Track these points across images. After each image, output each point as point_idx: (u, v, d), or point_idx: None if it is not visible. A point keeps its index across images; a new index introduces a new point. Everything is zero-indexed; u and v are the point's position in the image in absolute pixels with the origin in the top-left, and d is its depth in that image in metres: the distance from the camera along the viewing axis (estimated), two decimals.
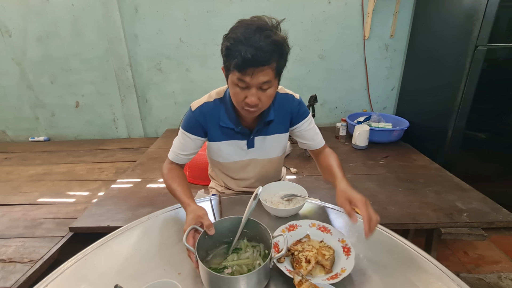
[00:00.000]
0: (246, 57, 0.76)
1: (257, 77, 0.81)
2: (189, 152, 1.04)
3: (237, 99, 0.88)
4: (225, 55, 0.83)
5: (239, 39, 0.78)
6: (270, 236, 0.74)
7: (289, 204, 1.02)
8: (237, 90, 0.86)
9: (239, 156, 1.09)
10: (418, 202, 1.53)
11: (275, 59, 0.81)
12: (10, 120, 2.84)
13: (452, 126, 1.92)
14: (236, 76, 0.82)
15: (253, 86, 0.83)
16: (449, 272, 0.74)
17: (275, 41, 0.79)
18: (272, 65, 0.81)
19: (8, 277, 1.17)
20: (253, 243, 0.81)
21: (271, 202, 1.02)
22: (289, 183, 1.10)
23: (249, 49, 0.76)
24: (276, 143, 1.09)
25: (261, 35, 0.77)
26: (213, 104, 1.00)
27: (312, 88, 2.66)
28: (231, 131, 1.02)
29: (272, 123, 1.04)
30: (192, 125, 1.01)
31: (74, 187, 1.91)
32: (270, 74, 0.82)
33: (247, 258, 0.76)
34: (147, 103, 2.77)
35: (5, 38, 2.52)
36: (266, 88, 0.85)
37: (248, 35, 0.77)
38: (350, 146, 2.28)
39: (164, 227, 0.96)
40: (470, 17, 1.74)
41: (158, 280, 0.65)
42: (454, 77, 1.87)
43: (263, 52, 0.77)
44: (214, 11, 2.43)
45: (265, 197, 1.04)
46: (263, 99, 0.87)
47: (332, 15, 2.44)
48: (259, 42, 0.76)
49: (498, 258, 1.80)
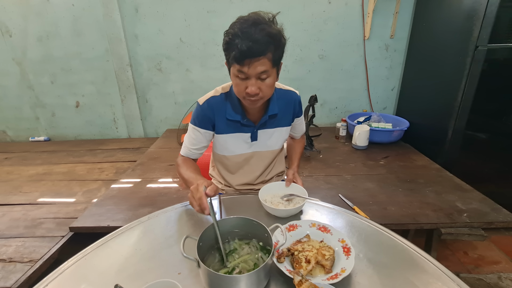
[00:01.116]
0: (242, 49, 0.83)
1: (255, 67, 0.87)
2: (200, 146, 1.10)
3: (238, 90, 0.95)
4: (225, 49, 0.90)
5: (236, 33, 0.84)
6: (266, 229, 0.75)
7: (289, 204, 1.02)
8: (238, 81, 0.92)
9: (243, 149, 1.13)
10: (418, 202, 1.53)
11: (271, 50, 0.87)
12: (10, 120, 2.84)
13: (452, 126, 1.92)
14: (236, 68, 0.89)
15: (252, 76, 0.89)
16: (449, 272, 0.74)
17: (270, 33, 0.85)
18: (268, 56, 0.87)
19: (9, 276, 1.18)
20: (245, 241, 0.82)
21: (271, 203, 1.02)
22: (290, 183, 1.10)
23: (245, 41, 0.83)
24: (278, 136, 1.15)
25: (256, 29, 0.83)
26: (219, 98, 1.06)
27: (312, 88, 2.66)
28: (237, 123, 1.07)
29: (276, 117, 1.10)
30: (201, 118, 1.06)
31: (74, 187, 1.91)
32: (267, 64, 0.88)
33: (247, 254, 0.77)
34: (147, 103, 2.77)
35: (6, 38, 2.52)
36: (265, 77, 0.91)
37: (245, 29, 0.84)
38: (350, 146, 2.28)
39: (164, 227, 0.96)
40: (470, 17, 1.74)
41: (158, 280, 0.65)
42: (454, 77, 1.87)
43: (258, 44, 0.83)
44: (214, 11, 2.43)
45: (265, 197, 1.04)
46: (263, 88, 0.92)
47: (332, 15, 2.44)
48: (254, 35, 0.83)
49: (498, 258, 1.80)
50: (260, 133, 1.10)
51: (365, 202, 1.54)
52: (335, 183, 1.75)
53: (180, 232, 0.93)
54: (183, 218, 1.00)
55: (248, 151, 1.14)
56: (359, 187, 1.70)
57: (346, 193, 1.61)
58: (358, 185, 1.72)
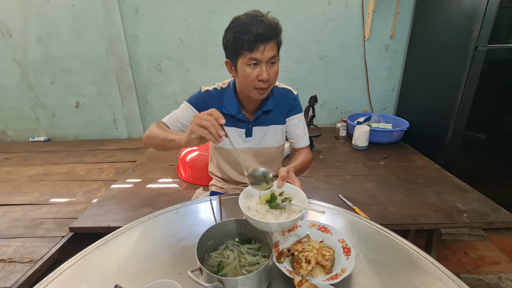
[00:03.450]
0: (258, 32, 0.89)
1: (266, 51, 0.93)
2: (185, 122, 1.08)
3: (249, 80, 0.97)
4: (233, 41, 0.93)
5: (246, 23, 0.91)
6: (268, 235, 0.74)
7: (281, 214, 0.76)
8: (249, 70, 0.95)
9: (238, 144, 1.15)
10: (418, 202, 1.53)
11: (278, 36, 0.96)
12: (10, 120, 2.84)
13: (452, 126, 1.92)
14: (247, 57, 0.93)
15: (263, 62, 0.94)
16: (449, 273, 0.74)
17: (273, 22, 0.94)
18: (275, 41, 0.95)
19: (8, 277, 1.18)
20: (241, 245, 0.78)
21: (256, 211, 0.77)
22: (284, 183, 0.86)
23: (258, 27, 0.90)
24: (273, 134, 1.16)
25: (261, 18, 0.92)
26: (219, 91, 1.11)
27: (312, 88, 2.66)
28: (232, 118, 1.09)
29: (270, 114, 1.12)
30: (199, 102, 1.09)
31: (74, 187, 1.91)
32: (275, 49, 0.96)
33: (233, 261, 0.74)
34: (147, 104, 2.77)
35: (6, 38, 2.52)
36: (274, 62, 0.97)
37: (253, 19, 0.91)
38: (350, 147, 2.28)
39: (164, 227, 0.96)
40: (470, 17, 1.74)
41: (158, 280, 0.65)
42: (454, 78, 1.87)
43: (269, 28, 0.92)
44: (214, 11, 2.43)
45: (248, 203, 0.79)
46: (271, 74, 0.97)
47: (332, 15, 2.44)
48: (262, 22, 0.91)
49: (498, 258, 1.80)
50: (255, 129, 1.12)
51: (365, 202, 1.54)
52: (335, 184, 1.75)
53: (180, 232, 0.93)
54: (183, 218, 1.00)
55: (243, 146, 1.15)
56: (359, 188, 1.70)
57: (346, 194, 1.61)
58: (358, 185, 1.72)
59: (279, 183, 0.84)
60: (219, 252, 0.76)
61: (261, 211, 0.77)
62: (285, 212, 0.78)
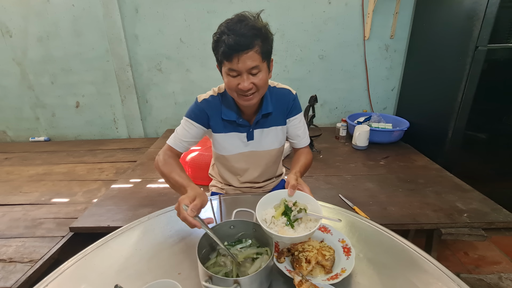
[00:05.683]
0: (229, 43, 0.84)
1: (244, 61, 0.87)
2: (190, 139, 1.07)
3: (230, 88, 0.94)
4: (214, 48, 0.92)
5: (223, 31, 0.87)
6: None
7: (299, 226, 0.78)
8: (229, 79, 0.92)
9: (240, 148, 1.13)
10: (418, 202, 1.53)
11: (258, 43, 0.87)
12: (10, 120, 2.84)
13: (453, 126, 1.92)
14: (227, 66, 0.89)
15: (243, 72, 0.89)
16: (449, 273, 0.74)
17: (255, 27, 0.86)
18: (255, 49, 0.87)
19: (9, 277, 1.18)
20: (239, 245, 0.79)
21: (273, 224, 0.78)
22: (294, 191, 0.86)
23: (231, 36, 0.84)
24: (274, 136, 1.14)
25: (241, 24, 0.86)
26: (217, 98, 1.07)
27: (312, 88, 2.66)
28: (233, 123, 1.07)
29: (270, 116, 1.10)
30: (198, 114, 1.06)
31: (74, 187, 1.91)
32: (256, 58, 0.88)
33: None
34: (147, 104, 2.77)
35: (6, 38, 2.52)
36: (256, 72, 0.90)
37: (231, 26, 0.86)
38: (350, 147, 2.28)
39: (164, 227, 0.96)
40: (470, 17, 1.74)
41: (158, 280, 0.65)
42: (454, 78, 1.87)
43: (245, 37, 0.84)
44: (214, 11, 2.43)
45: (264, 215, 0.81)
46: (256, 83, 0.92)
47: (332, 15, 2.44)
48: (240, 30, 0.85)
49: (498, 258, 1.80)
50: (256, 132, 1.11)
51: (365, 202, 1.54)
52: (335, 183, 1.74)
53: (180, 232, 0.93)
54: None
55: (245, 150, 1.14)
56: (359, 187, 1.69)
57: (346, 193, 1.61)
58: (358, 185, 1.72)
59: (290, 192, 0.86)
60: (213, 262, 0.74)
61: (278, 223, 0.79)
62: (302, 222, 0.79)
